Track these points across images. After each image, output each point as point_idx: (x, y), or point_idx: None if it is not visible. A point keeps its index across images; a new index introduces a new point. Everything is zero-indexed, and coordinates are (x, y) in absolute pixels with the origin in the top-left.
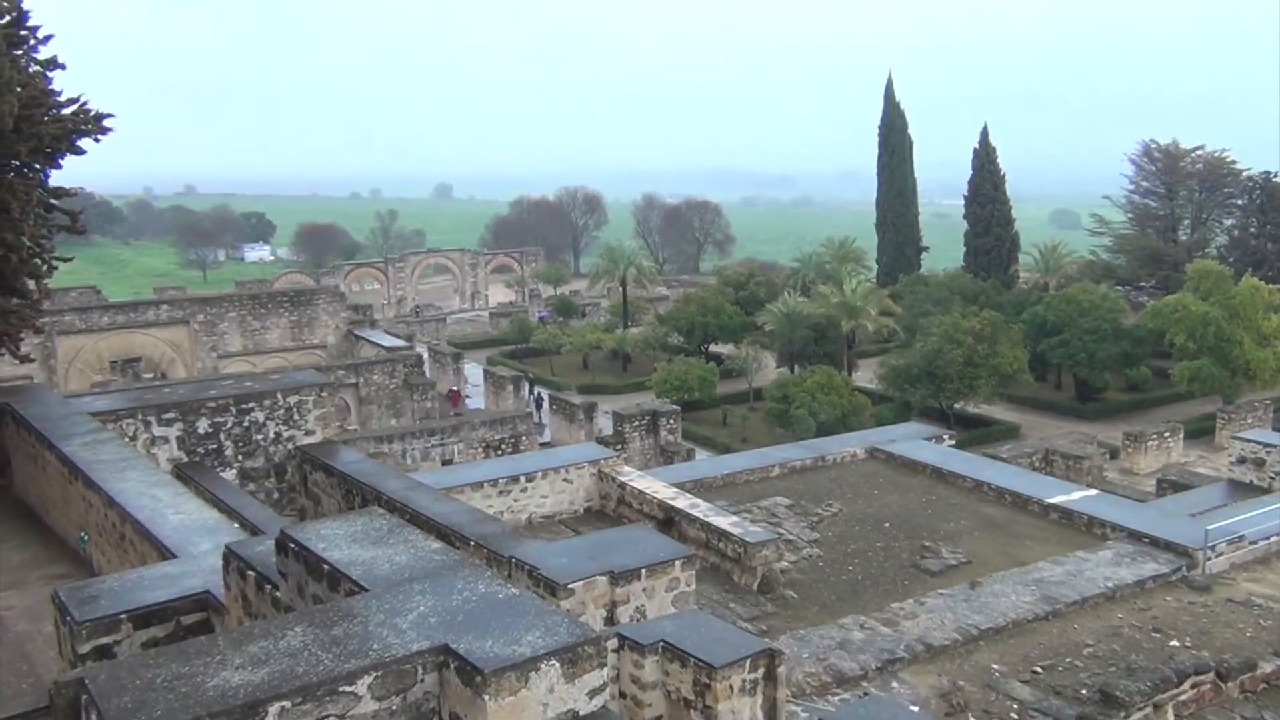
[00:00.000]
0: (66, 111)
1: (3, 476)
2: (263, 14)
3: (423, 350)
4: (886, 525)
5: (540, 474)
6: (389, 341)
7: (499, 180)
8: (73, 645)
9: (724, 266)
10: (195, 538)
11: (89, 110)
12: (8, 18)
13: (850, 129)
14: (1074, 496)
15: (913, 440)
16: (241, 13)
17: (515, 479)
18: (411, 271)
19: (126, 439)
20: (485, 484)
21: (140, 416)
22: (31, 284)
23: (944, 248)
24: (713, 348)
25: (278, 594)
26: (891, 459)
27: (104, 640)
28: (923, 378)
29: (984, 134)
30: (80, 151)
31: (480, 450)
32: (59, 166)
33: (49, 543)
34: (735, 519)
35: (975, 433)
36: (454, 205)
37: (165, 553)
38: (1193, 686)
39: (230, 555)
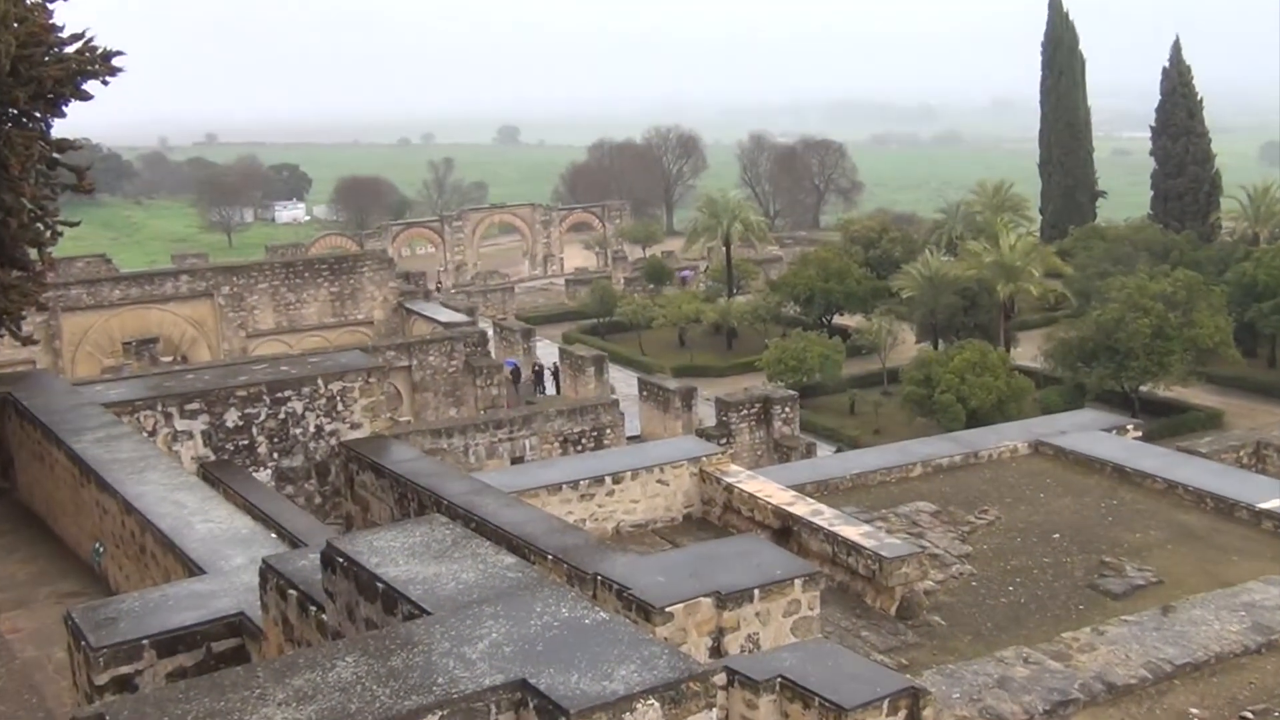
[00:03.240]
0: (70, 50)
1: (4, 478)
2: None
3: (487, 326)
4: (1056, 536)
5: (629, 474)
6: (446, 316)
7: (575, 121)
8: (88, 675)
9: (850, 220)
10: (226, 550)
11: (95, 47)
12: None
13: (1006, 47)
14: None
15: (1088, 431)
16: None
17: (600, 480)
18: (472, 232)
19: (144, 434)
20: (564, 486)
21: (160, 407)
22: (33, 253)
23: (1126, 192)
24: (837, 319)
25: (324, 617)
26: (1061, 455)
27: (124, 670)
28: (1100, 354)
29: (1175, 49)
30: (87, 96)
31: (557, 445)
32: (63, 115)
33: (59, 555)
34: (868, 529)
35: (1167, 422)
36: (521, 151)
37: (192, 567)
38: None
39: (268, 571)
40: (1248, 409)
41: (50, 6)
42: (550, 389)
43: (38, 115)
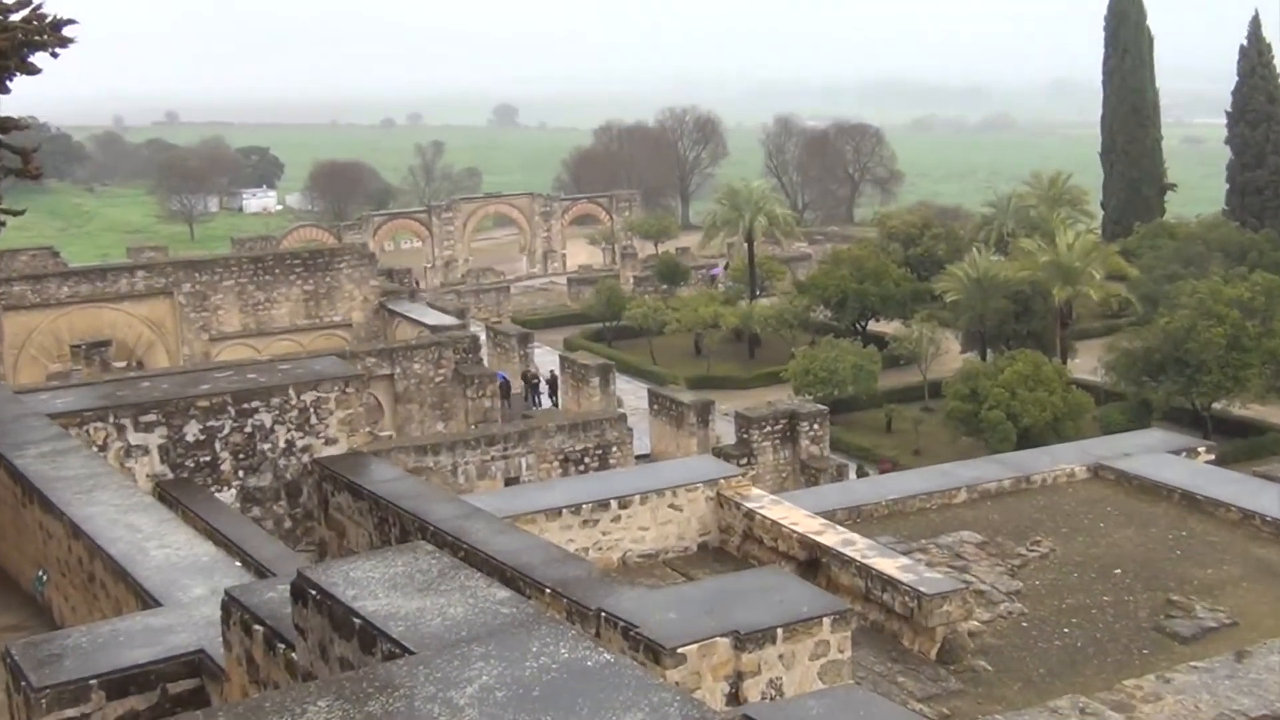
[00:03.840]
0: (15, 18)
1: None
2: None
3: (479, 330)
4: (1117, 572)
5: (638, 498)
6: (434, 318)
7: (580, 100)
8: (29, 718)
9: (888, 214)
10: (185, 580)
11: (44, 15)
12: None
13: (1064, 22)
14: None
15: (1154, 454)
16: None
17: (605, 505)
18: (464, 224)
19: (94, 448)
20: (564, 511)
21: (112, 419)
22: None
23: (1198, 185)
24: (872, 326)
25: (293, 656)
26: (1124, 480)
27: (69, 713)
28: (1168, 367)
29: (1254, 25)
30: (34, 70)
31: (556, 465)
32: (6, 90)
33: None
34: (906, 561)
35: (1244, 443)
36: (519, 134)
37: (146, 599)
38: None
39: (231, 603)
40: None
41: None
42: (546, 401)
43: None
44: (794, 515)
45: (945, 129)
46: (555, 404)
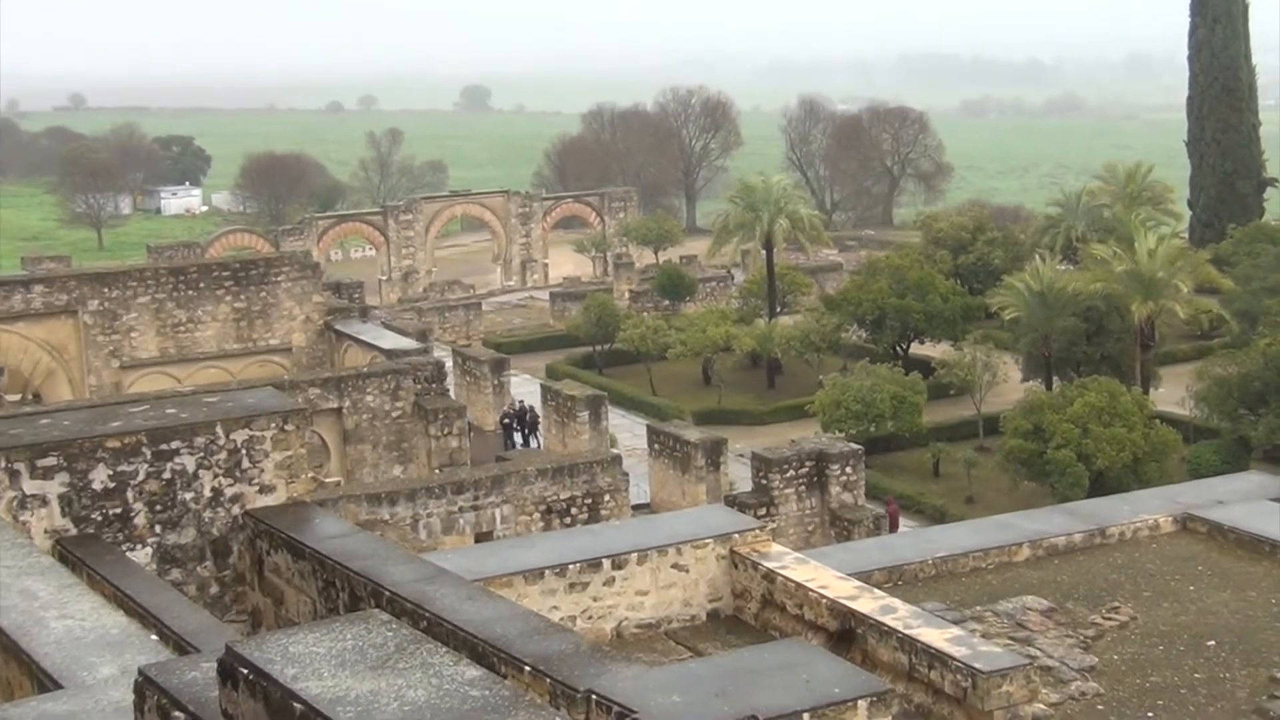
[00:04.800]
0: None
1: None
2: None
3: (445, 355)
4: (1210, 644)
5: (636, 556)
6: (390, 341)
7: (564, 80)
8: None
9: (933, 215)
10: (90, 657)
11: None
12: None
13: None
14: None
15: (1254, 502)
16: None
17: (596, 565)
18: (426, 228)
19: None
20: (547, 572)
21: (4, 463)
22: None
23: None
24: (915, 349)
25: None
26: (1218, 533)
27: None
28: (1270, 397)
29: None
30: None
31: (538, 516)
32: None
33: None
34: (957, 632)
35: None
36: (493, 121)
37: (44, 680)
38: None
39: (146, 685)
40: None
41: None
42: (520, 440)
43: None
44: (823, 577)
45: (1002, 113)
46: (525, 443)
